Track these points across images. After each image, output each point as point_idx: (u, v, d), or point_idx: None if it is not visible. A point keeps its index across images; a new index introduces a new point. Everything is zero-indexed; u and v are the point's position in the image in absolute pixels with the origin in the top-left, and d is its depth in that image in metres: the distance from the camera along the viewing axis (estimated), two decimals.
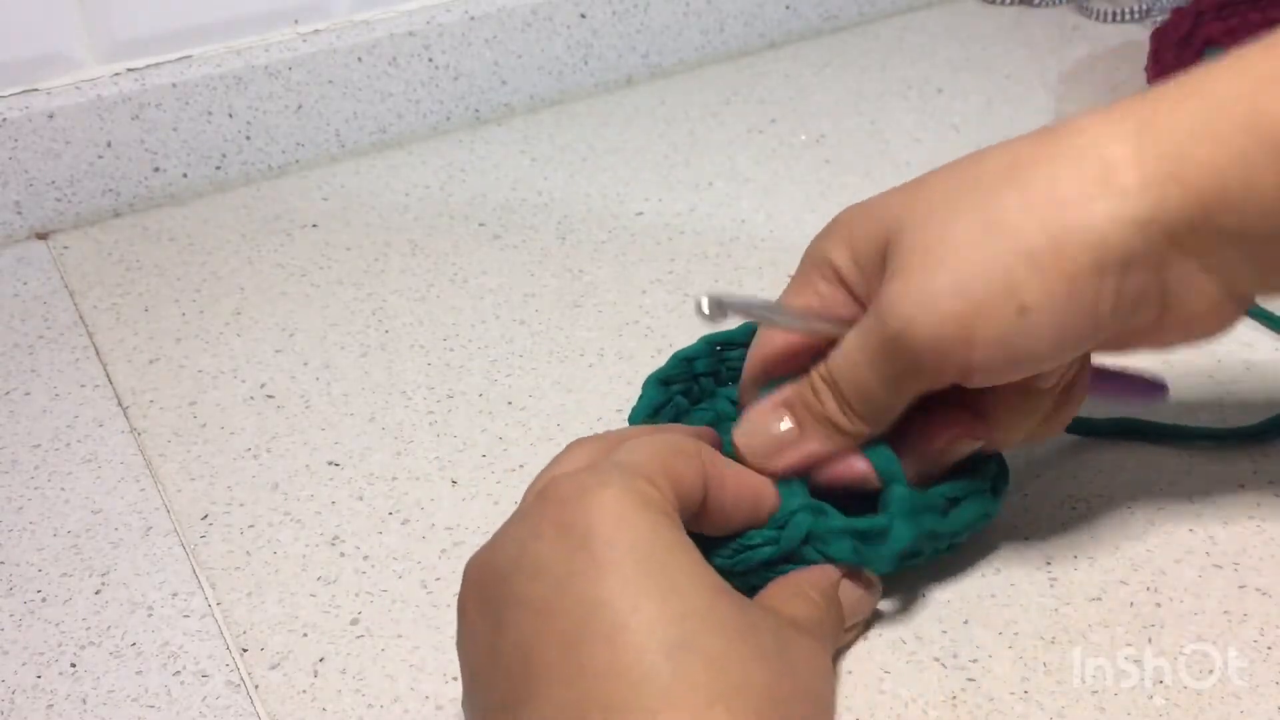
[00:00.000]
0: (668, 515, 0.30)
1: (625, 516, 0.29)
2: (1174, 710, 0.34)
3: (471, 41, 0.64)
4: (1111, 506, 0.41)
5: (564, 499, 0.30)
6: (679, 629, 0.28)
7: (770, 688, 0.28)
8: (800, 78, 0.70)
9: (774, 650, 0.29)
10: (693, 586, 0.29)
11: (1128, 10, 0.75)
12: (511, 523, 0.31)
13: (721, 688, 0.27)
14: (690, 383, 0.42)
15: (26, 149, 0.57)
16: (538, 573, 0.29)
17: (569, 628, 0.28)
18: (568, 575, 0.28)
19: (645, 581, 0.28)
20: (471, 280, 0.54)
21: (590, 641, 0.27)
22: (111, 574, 0.40)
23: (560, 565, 0.28)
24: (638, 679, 0.27)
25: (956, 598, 0.38)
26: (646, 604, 0.28)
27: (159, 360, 0.50)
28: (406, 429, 0.46)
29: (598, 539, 0.29)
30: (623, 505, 0.29)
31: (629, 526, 0.29)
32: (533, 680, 0.28)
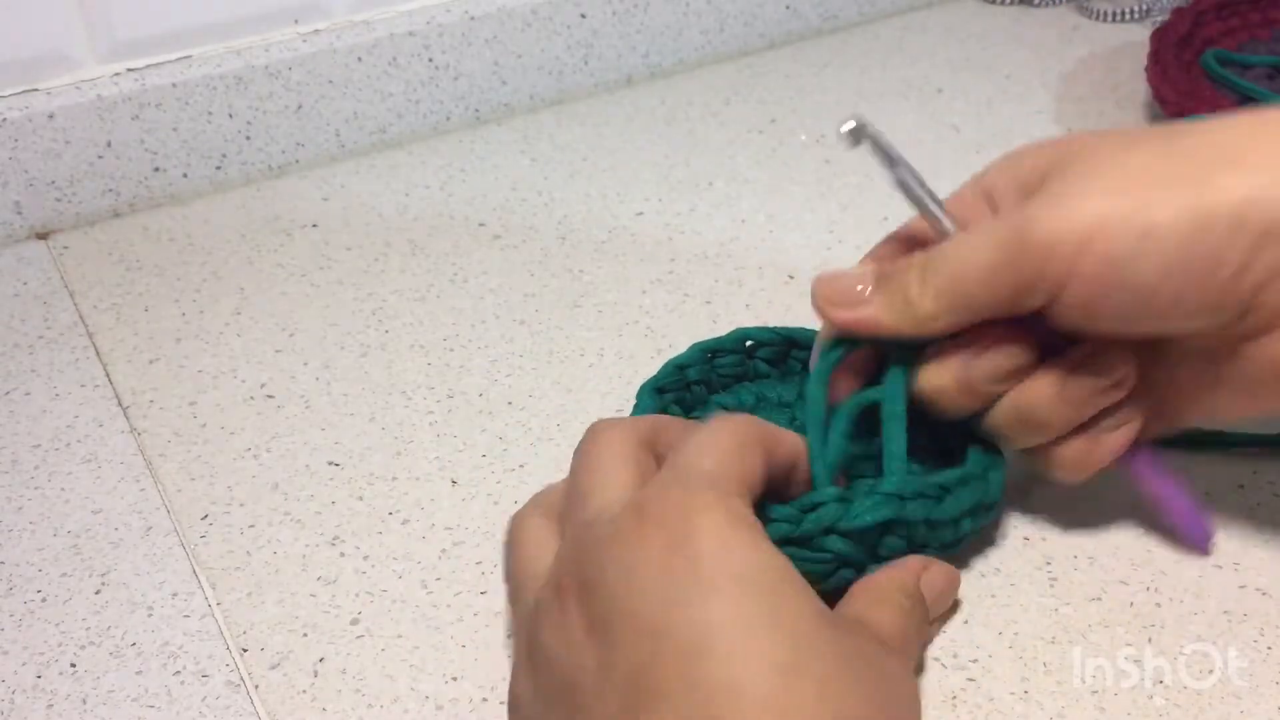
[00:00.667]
0: (762, 534, 0.31)
1: (729, 540, 0.30)
2: (1174, 710, 0.34)
3: (471, 41, 0.64)
4: (1111, 506, 0.41)
5: (665, 520, 0.30)
6: (791, 654, 0.28)
7: (876, 711, 0.29)
8: (800, 78, 0.70)
9: (875, 674, 0.30)
10: (799, 612, 0.29)
11: (1128, 10, 0.75)
12: (610, 540, 0.31)
13: (830, 711, 0.28)
14: (683, 391, 0.42)
15: (27, 149, 0.57)
16: (649, 594, 0.29)
17: (685, 647, 0.28)
18: (681, 598, 0.29)
19: (756, 606, 0.29)
20: (471, 280, 0.54)
21: (707, 662, 0.28)
22: (111, 574, 0.40)
23: (672, 589, 0.29)
24: (753, 700, 0.27)
25: (957, 597, 0.38)
26: (760, 627, 0.28)
27: (159, 360, 0.50)
28: (406, 429, 0.46)
29: (707, 562, 0.29)
30: (725, 529, 0.30)
31: (735, 550, 0.30)
32: (648, 697, 0.28)
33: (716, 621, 0.28)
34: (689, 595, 0.29)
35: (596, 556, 0.31)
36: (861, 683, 0.29)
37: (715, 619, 0.28)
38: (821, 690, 0.28)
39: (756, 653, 0.28)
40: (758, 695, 0.27)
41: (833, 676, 0.28)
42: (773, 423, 0.40)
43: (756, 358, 0.44)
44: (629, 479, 0.32)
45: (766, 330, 0.44)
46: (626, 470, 0.33)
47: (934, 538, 0.37)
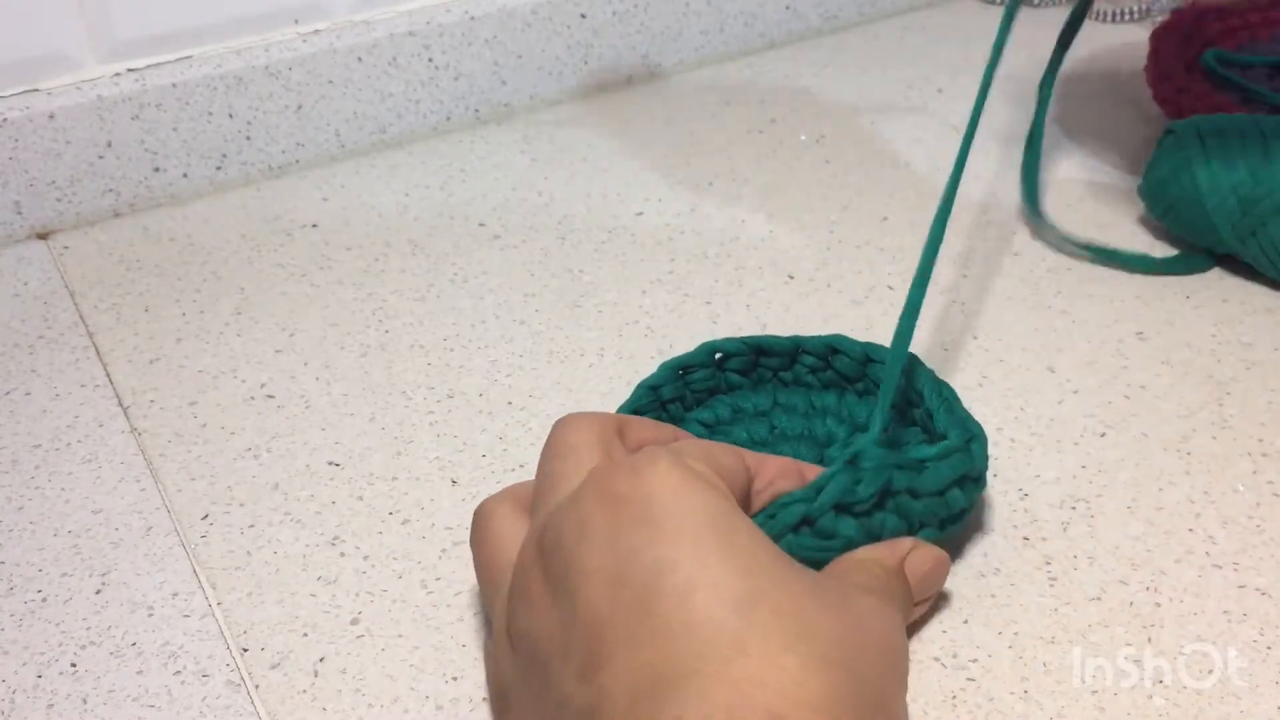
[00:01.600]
0: (717, 486, 0.31)
1: (680, 487, 0.30)
2: (1174, 710, 0.34)
3: (472, 41, 0.64)
4: (1111, 506, 0.41)
5: (613, 477, 0.30)
6: (746, 584, 0.28)
7: (839, 636, 0.29)
8: (800, 78, 0.70)
9: (839, 604, 0.30)
10: (754, 547, 0.29)
11: (1128, 10, 0.75)
12: (564, 505, 0.31)
13: (791, 636, 0.28)
14: (659, 411, 0.42)
15: (27, 149, 0.57)
16: (602, 546, 0.29)
17: (640, 592, 0.28)
18: (633, 545, 0.29)
19: (708, 544, 0.29)
20: (471, 280, 0.54)
21: (661, 602, 0.28)
22: (112, 574, 0.40)
23: (625, 537, 0.29)
24: (711, 633, 0.27)
25: (956, 598, 0.38)
26: (713, 563, 0.28)
27: (159, 360, 0.50)
28: (406, 429, 0.46)
29: (658, 508, 0.29)
30: (674, 477, 0.30)
31: (686, 494, 0.30)
32: (608, 645, 0.28)
33: (669, 561, 0.28)
34: (641, 541, 0.29)
35: (555, 524, 0.31)
36: (828, 608, 0.29)
37: (667, 558, 0.28)
38: (780, 616, 0.28)
39: (711, 588, 0.28)
40: (714, 629, 0.27)
41: (793, 603, 0.28)
42: (753, 432, 0.40)
43: (727, 369, 0.43)
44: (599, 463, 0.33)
45: (734, 341, 0.43)
46: (596, 456, 0.33)
47: (928, 514, 0.37)
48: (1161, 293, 0.51)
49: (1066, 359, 0.48)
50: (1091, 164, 0.61)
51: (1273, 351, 0.47)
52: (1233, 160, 0.50)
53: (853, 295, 0.52)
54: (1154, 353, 0.48)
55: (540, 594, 0.30)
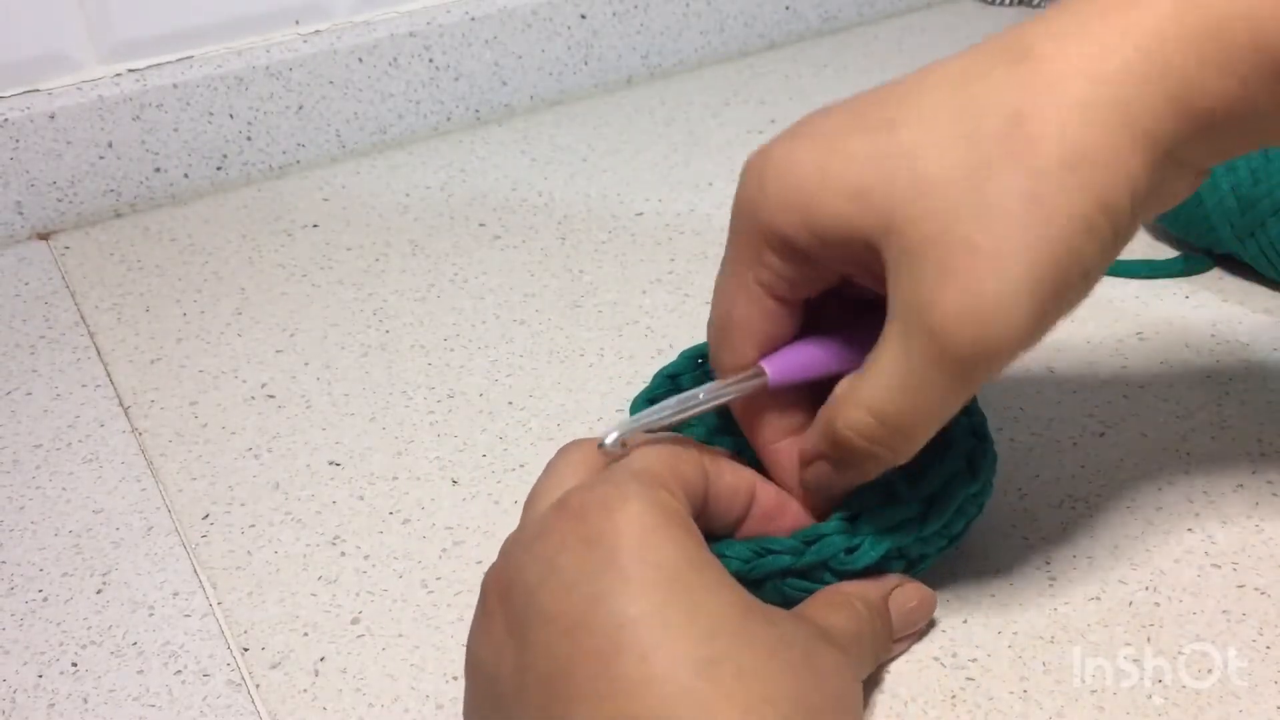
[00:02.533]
0: (688, 528, 0.30)
1: (650, 532, 0.29)
2: (1173, 710, 0.34)
3: (472, 42, 0.65)
4: (1111, 506, 0.41)
5: (586, 513, 0.29)
6: (709, 647, 0.28)
7: (798, 698, 0.28)
8: (800, 78, 0.70)
9: (802, 663, 0.29)
10: (720, 604, 0.29)
11: None
12: (533, 538, 0.30)
13: (753, 700, 0.27)
14: None
15: (28, 149, 0.57)
16: (566, 590, 0.29)
17: (601, 645, 0.28)
18: (597, 593, 0.28)
19: (674, 600, 0.28)
20: (472, 280, 0.54)
21: (623, 659, 0.27)
22: (112, 573, 0.40)
23: (588, 583, 0.28)
24: (671, 694, 0.27)
25: (956, 597, 0.38)
26: (677, 622, 0.28)
27: (160, 360, 0.50)
28: (407, 429, 0.46)
29: (625, 555, 0.28)
30: (646, 520, 0.29)
31: (655, 543, 0.29)
32: (564, 699, 0.28)
33: (632, 617, 0.28)
34: (605, 589, 0.28)
35: (518, 556, 0.30)
36: (791, 669, 0.29)
37: (631, 614, 0.28)
38: (742, 679, 0.27)
39: (673, 647, 0.27)
40: (675, 690, 0.27)
41: (755, 666, 0.28)
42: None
43: None
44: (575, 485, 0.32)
45: None
46: (576, 478, 0.32)
47: (932, 548, 0.37)
48: (1161, 293, 0.51)
49: (1066, 359, 0.48)
50: None
51: (1272, 351, 0.47)
52: (1232, 160, 0.50)
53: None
54: (1154, 353, 0.48)
55: (500, 629, 0.30)
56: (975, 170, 0.29)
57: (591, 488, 0.30)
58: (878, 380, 0.31)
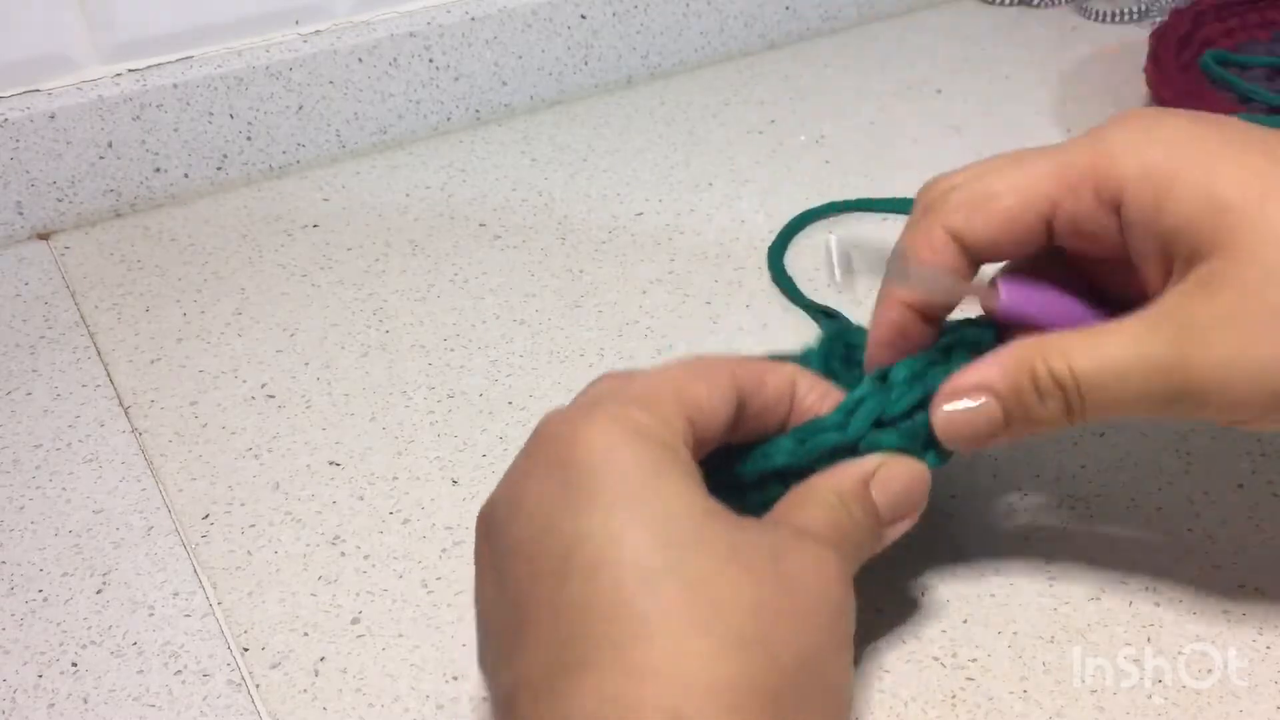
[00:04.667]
0: (660, 441, 0.29)
1: (612, 447, 0.28)
2: (1174, 710, 0.34)
3: (472, 42, 0.65)
4: (1111, 506, 0.41)
5: (553, 436, 0.29)
6: (662, 556, 0.26)
7: (759, 605, 0.27)
8: (800, 78, 0.70)
9: (766, 565, 0.28)
10: (679, 511, 0.27)
11: (1127, 10, 0.75)
12: (510, 468, 0.30)
13: (702, 613, 0.26)
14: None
15: (28, 149, 0.57)
16: (530, 516, 0.28)
17: (555, 567, 0.27)
18: (555, 514, 0.27)
19: (628, 512, 0.27)
20: (472, 280, 0.54)
21: (571, 580, 0.26)
22: (113, 573, 0.40)
23: (549, 505, 0.28)
24: (612, 613, 0.26)
25: (956, 597, 0.38)
26: (629, 534, 0.27)
27: (160, 360, 0.50)
28: (407, 429, 0.46)
29: (583, 472, 0.28)
30: (610, 436, 0.28)
31: (615, 457, 0.28)
32: (523, 626, 0.27)
33: (580, 535, 0.27)
34: (565, 509, 0.27)
35: (496, 491, 0.30)
36: (750, 572, 0.27)
37: (580, 532, 0.27)
38: (692, 590, 0.26)
39: (621, 562, 0.26)
40: (616, 611, 0.26)
41: (710, 573, 0.26)
42: None
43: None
44: None
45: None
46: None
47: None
48: None
49: None
50: None
51: None
52: None
53: (853, 295, 0.52)
54: None
55: (486, 566, 0.29)
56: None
57: (562, 411, 0.30)
58: (1103, 348, 0.31)
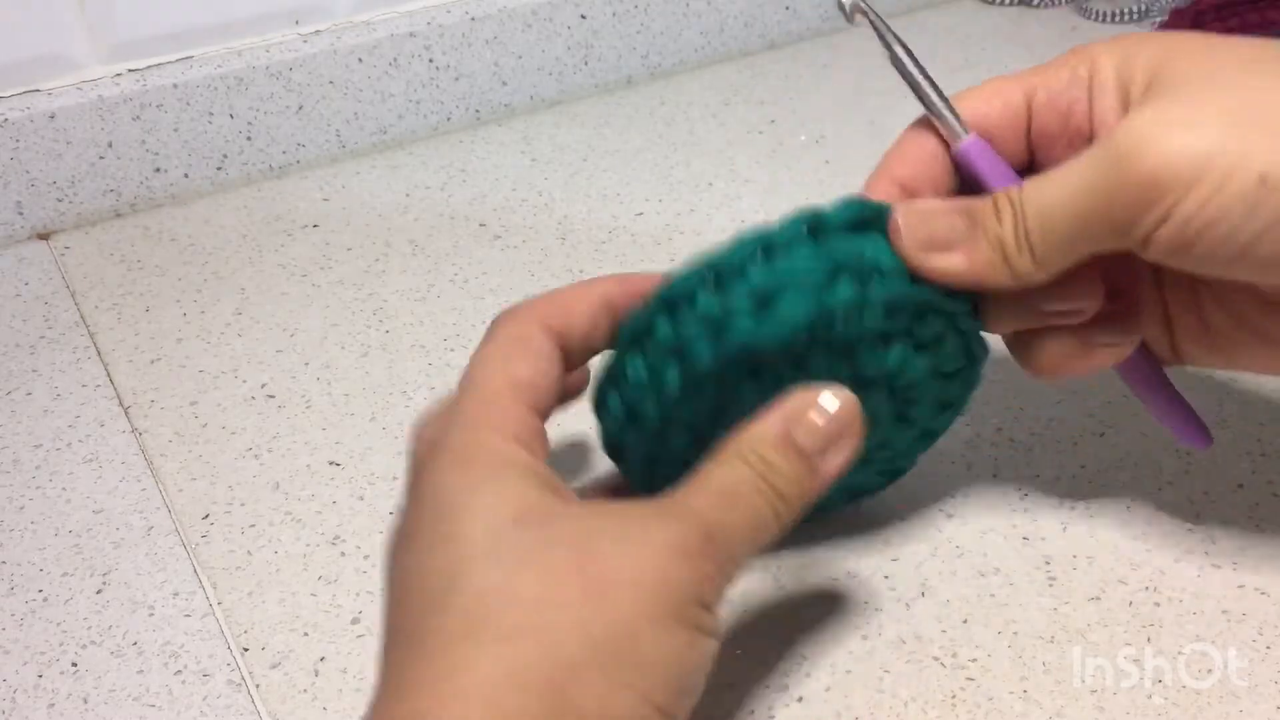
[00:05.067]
0: (485, 458, 0.30)
1: (435, 488, 0.30)
2: (1174, 710, 0.34)
3: (472, 42, 0.65)
4: (1111, 506, 0.41)
5: (427, 497, 0.30)
6: (447, 577, 0.28)
7: (539, 600, 0.27)
8: (800, 78, 0.70)
9: (563, 557, 0.28)
10: (473, 530, 0.28)
11: (1127, 10, 0.75)
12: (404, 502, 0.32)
13: (472, 622, 0.27)
14: None
15: (28, 149, 0.57)
16: (391, 553, 0.31)
17: (391, 598, 0.30)
18: (397, 552, 0.31)
19: (427, 540, 0.29)
20: (472, 280, 0.54)
21: (390, 610, 0.29)
22: (113, 573, 0.40)
23: (397, 541, 0.31)
24: (406, 638, 0.28)
25: (956, 597, 0.38)
26: (426, 561, 0.29)
27: (160, 360, 0.50)
28: (407, 429, 0.46)
29: (410, 515, 0.31)
30: (434, 476, 0.30)
31: (431, 492, 0.30)
32: (384, 647, 0.29)
33: (400, 567, 0.30)
34: (398, 549, 0.30)
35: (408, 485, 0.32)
36: (535, 572, 0.27)
37: (401, 565, 0.30)
38: (471, 603, 0.27)
39: (416, 590, 0.28)
40: (407, 634, 0.28)
41: (490, 584, 0.27)
42: None
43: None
44: (503, 373, 0.32)
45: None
46: (509, 357, 0.32)
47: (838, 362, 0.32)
48: None
49: None
50: None
51: None
52: None
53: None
54: None
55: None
56: (1265, 62, 0.31)
57: (422, 436, 0.32)
58: (1054, 174, 0.32)
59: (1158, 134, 0.30)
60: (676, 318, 0.32)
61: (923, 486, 0.42)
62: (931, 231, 0.33)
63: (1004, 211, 0.33)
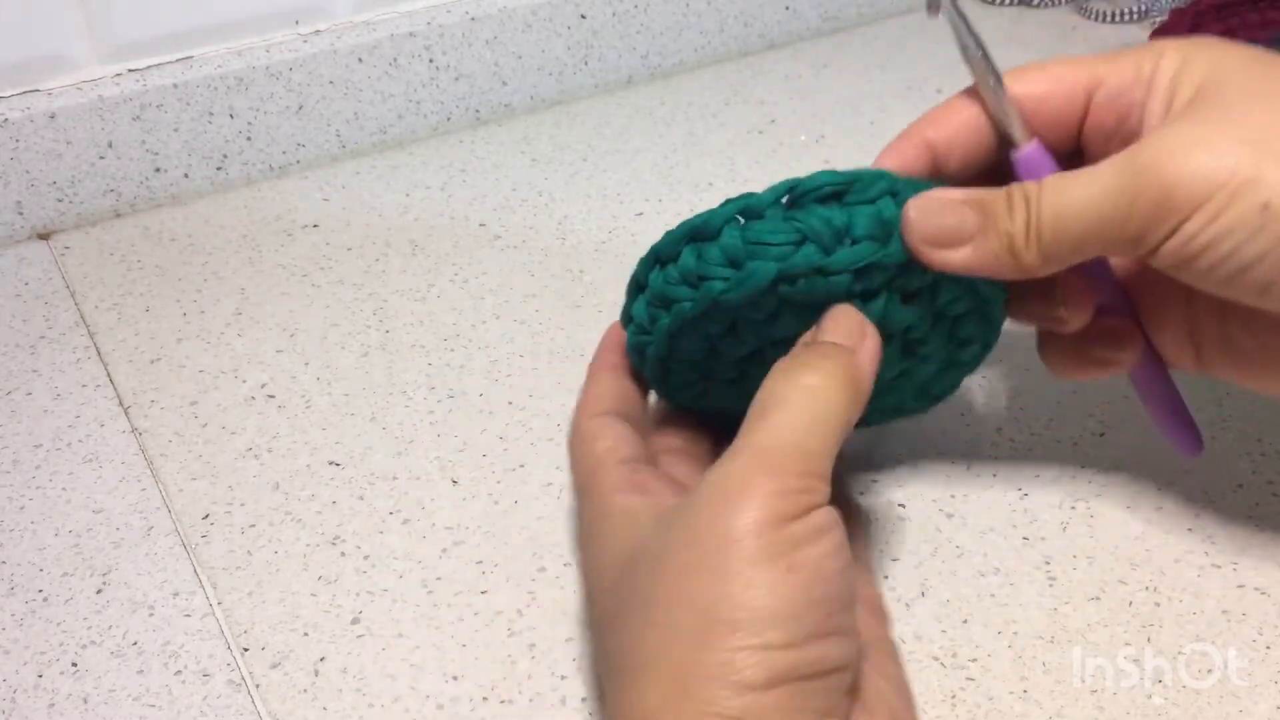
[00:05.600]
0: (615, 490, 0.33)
1: (597, 522, 0.33)
2: (1173, 710, 0.34)
3: (472, 42, 0.65)
4: (1111, 506, 0.41)
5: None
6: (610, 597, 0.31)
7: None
8: (800, 78, 0.70)
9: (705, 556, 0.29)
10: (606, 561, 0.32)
11: (1126, 11, 0.75)
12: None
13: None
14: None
15: (28, 149, 0.57)
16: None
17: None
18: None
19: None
20: (472, 280, 0.54)
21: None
22: (113, 573, 0.40)
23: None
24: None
25: (956, 597, 0.38)
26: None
27: (160, 360, 0.50)
28: (407, 429, 0.46)
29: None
30: (590, 513, 0.33)
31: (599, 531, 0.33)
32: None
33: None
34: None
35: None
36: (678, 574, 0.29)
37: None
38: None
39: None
40: None
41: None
42: None
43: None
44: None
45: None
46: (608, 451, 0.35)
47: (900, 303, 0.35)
48: None
49: None
50: None
51: None
52: None
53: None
54: None
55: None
56: None
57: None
58: (1073, 177, 0.33)
59: (1178, 152, 0.31)
60: (665, 272, 0.36)
61: (923, 486, 0.42)
62: (940, 227, 0.34)
63: (1017, 208, 0.33)
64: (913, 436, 0.44)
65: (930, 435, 0.44)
